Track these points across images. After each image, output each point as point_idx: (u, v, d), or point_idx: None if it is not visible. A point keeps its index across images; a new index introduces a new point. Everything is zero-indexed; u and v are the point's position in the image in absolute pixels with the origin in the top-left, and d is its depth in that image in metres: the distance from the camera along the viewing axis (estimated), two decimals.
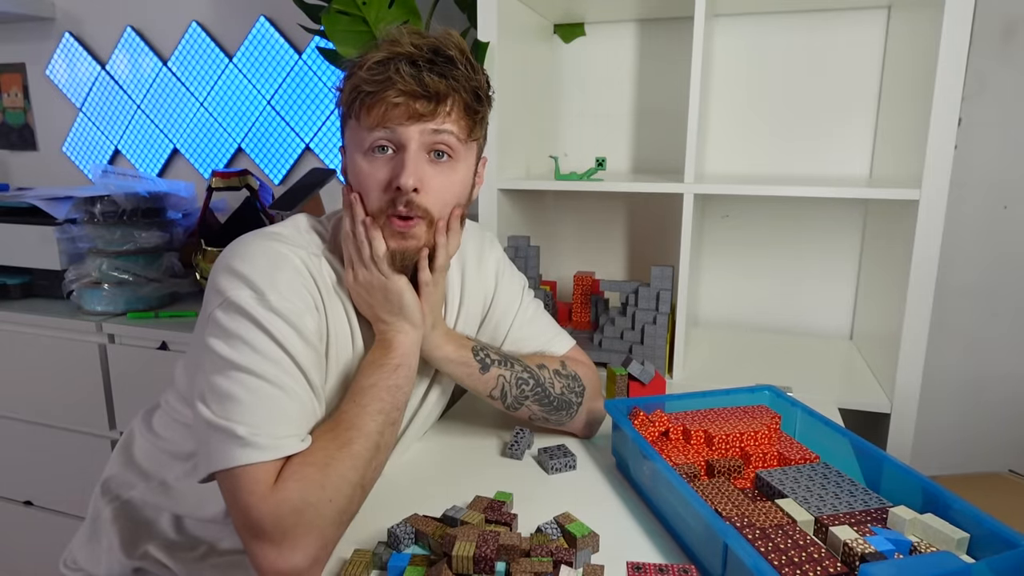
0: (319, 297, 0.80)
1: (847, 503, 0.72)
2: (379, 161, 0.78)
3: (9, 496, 1.80)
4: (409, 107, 0.75)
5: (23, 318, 1.66)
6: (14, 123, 2.29)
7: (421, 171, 0.77)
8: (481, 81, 0.80)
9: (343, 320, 0.84)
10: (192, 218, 1.82)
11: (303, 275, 0.78)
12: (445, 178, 0.80)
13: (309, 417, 0.73)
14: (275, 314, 0.73)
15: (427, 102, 0.76)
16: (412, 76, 0.74)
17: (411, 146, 0.77)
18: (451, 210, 0.82)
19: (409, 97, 0.75)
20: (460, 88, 0.77)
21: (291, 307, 0.74)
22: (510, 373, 0.90)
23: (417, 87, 0.75)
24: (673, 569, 0.65)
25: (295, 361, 0.73)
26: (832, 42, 1.44)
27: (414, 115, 0.76)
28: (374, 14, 1.37)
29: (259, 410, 0.69)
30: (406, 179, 0.76)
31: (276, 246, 0.78)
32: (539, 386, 0.92)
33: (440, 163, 0.79)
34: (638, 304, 1.28)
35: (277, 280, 0.75)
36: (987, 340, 1.49)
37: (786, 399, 0.94)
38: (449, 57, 0.77)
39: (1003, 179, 1.42)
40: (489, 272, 1.01)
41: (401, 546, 0.69)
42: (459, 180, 0.82)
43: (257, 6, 1.90)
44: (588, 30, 1.58)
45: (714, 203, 1.57)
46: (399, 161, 0.77)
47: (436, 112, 0.76)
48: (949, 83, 1.06)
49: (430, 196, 0.79)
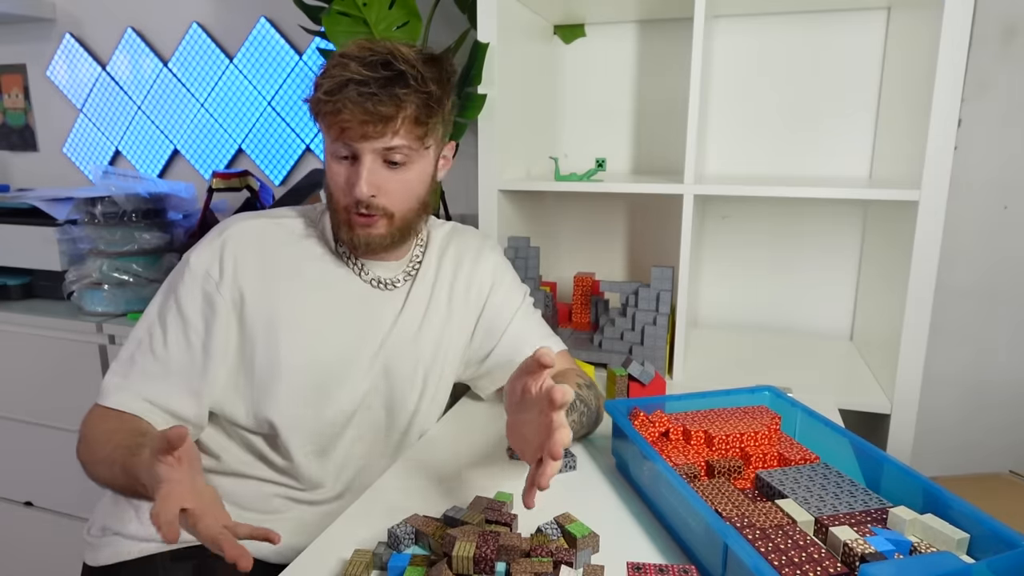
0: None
1: (847, 503, 0.72)
2: (342, 166, 0.87)
3: (9, 496, 1.80)
4: (360, 130, 0.83)
5: (23, 319, 1.66)
6: (15, 124, 2.29)
7: (376, 179, 0.86)
8: (432, 89, 0.85)
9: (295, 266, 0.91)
10: (193, 219, 1.82)
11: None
12: (401, 182, 0.88)
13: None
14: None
15: (375, 125, 0.83)
16: (360, 103, 0.81)
17: (365, 159, 0.85)
18: (419, 201, 0.91)
19: (358, 123, 0.82)
20: (409, 104, 0.83)
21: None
22: (577, 415, 0.92)
23: (364, 115, 0.82)
24: (673, 569, 0.65)
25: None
26: (832, 42, 1.44)
27: (365, 136, 0.83)
28: (375, 15, 1.37)
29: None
30: (359, 190, 0.85)
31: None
32: (590, 411, 0.96)
33: (396, 169, 0.87)
34: (638, 305, 1.28)
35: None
36: (987, 340, 1.49)
37: (786, 400, 0.94)
38: (400, 73, 0.83)
39: (1003, 179, 1.42)
40: (485, 272, 1.02)
41: (401, 546, 0.69)
42: (416, 179, 0.90)
43: (258, 7, 1.90)
44: (588, 31, 1.58)
45: (714, 204, 1.57)
46: (355, 171, 0.86)
47: (385, 131, 0.84)
48: (949, 83, 1.06)
49: (388, 197, 0.88)
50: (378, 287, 0.95)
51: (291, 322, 0.89)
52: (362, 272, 0.95)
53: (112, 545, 0.91)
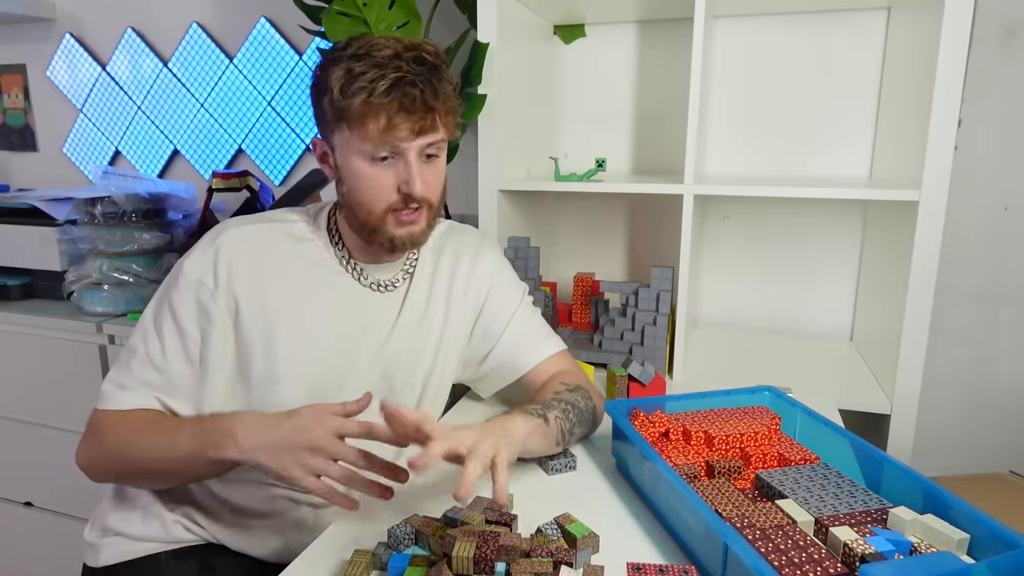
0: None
1: (847, 504, 0.72)
2: (378, 168, 0.84)
3: (9, 497, 1.80)
4: (411, 128, 0.81)
5: (23, 319, 1.66)
6: (15, 124, 2.29)
7: (423, 175, 0.85)
8: (456, 79, 0.86)
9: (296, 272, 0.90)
10: (192, 219, 1.82)
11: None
12: (436, 172, 0.88)
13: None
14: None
15: (426, 121, 0.81)
16: (415, 99, 0.79)
17: (411, 157, 0.83)
18: (445, 191, 0.92)
19: (411, 121, 0.80)
20: (445, 96, 0.83)
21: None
22: (559, 411, 0.90)
23: (418, 111, 0.80)
24: (673, 570, 0.65)
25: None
26: (832, 43, 1.44)
27: (419, 133, 0.82)
28: (375, 15, 1.37)
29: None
30: (418, 188, 0.83)
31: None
32: (576, 409, 0.94)
33: (431, 161, 0.87)
34: (638, 305, 1.28)
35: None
36: (987, 341, 1.49)
37: (786, 400, 0.94)
38: (434, 67, 0.82)
39: (1003, 180, 1.42)
40: (483, 272, 1.02)
41: (401, 546, 0.69)
42: (443, 168, 0.90)
43: (257, 7, 1.90)
44: (588, 31, 1.58)
45: (714, 204, 1.57)
46: (402, 168, 0.84)
47: (435, 126, 0.83)
48: (949, 83, 1.06)
49: (428, 190, 0.87)
50: (377, 290, 0.94)
51: (288, 329, 0.87)
52: (361, 276, 0.93)
53: (113, 546, 0.91)
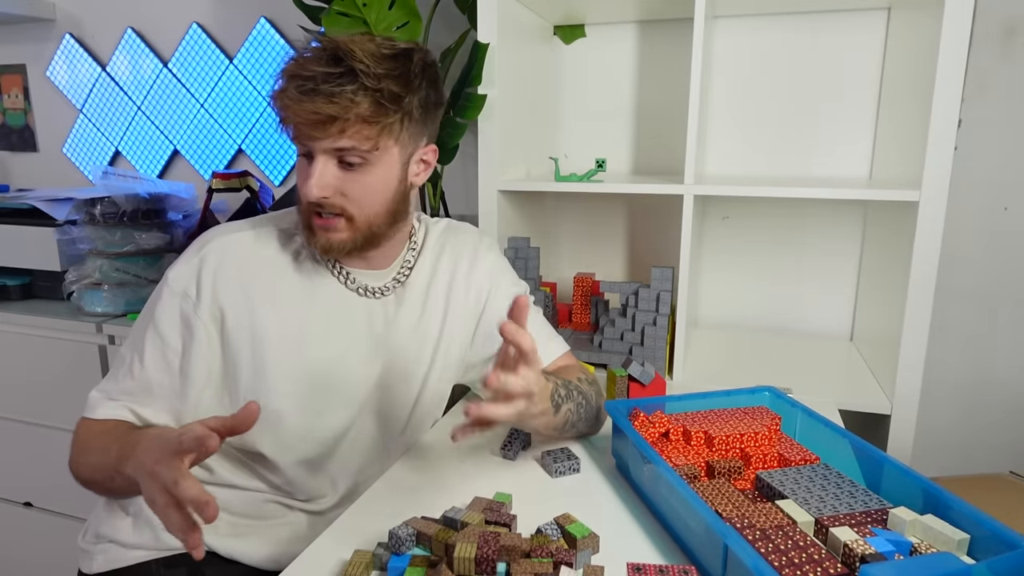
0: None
1: (847, 504, 0.72)
2: (304, 165, 0.84)
3: (9, 497, 1.80)
4: (306, 129, 0.79)
5: (23, 319, 1.66)
6: (14, 124, 2.29)
7: (329, 180, 0.81)
8: (385, 87, 0.79)
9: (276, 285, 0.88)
10: (192, 219, 1.82)
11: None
12: (359, 184, 0.83)
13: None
14: None
15: (319, 125, 0.78)
16: (300, 100, 0.77)
17: (318, 158, 0.81)
18: (385, 206, 0.85)
19: (304, 122, 0.78)
20: (359, 103, 0.78)
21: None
22: (574, 404, 0.90)
23: (306, 113, 0.77)
24: (673, 570, 0.65)
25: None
26: (832, 43, 1.44)
27: (311, 136, 0.80)
28: (374, 15, 1.37)
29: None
30: (308, 190, 0.81)
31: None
32: (589, 405, 0.94)
33: (352, 170, 0.82)
34: (638, 305, 1.28)
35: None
36: (987, 341, 1.49)
37: (786, 400, 0.94)
38: (348, 69, 0.77)
39: (1003, 180, 1.42)
40: (483, 273, 1.01)
41: (403, 547, 0.69)
42: (377, 182, 0.84)
43: (257, 7, 1.90)
44: (588, 31, 1.58)
45: (714, 204, 1.57)
46: (309, 170, 0.82)
47: (330, 131, 0.78)
48: (949, 83, 1.06)
49: (347, 200, 0.83)
50: (365, 295, 0.92)
51: (276, 338, 0.86)
52: (348, 281, 0.91)
53: (106, 553, 0.90)
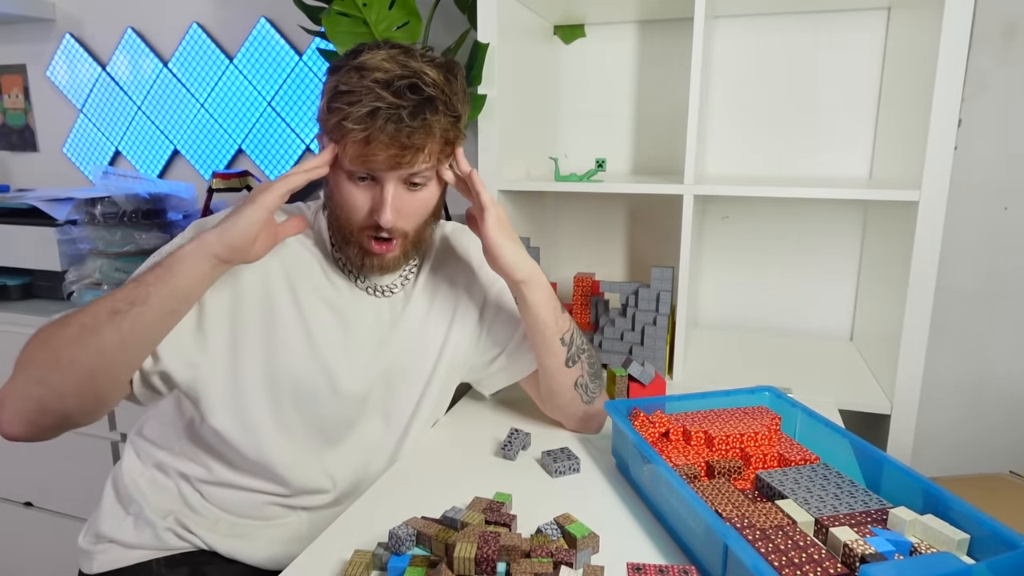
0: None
1: (847, 504, 0.72)
2: (358, 188, 0.83)
3: (9, 497, 1.80)
4: (388, 161, 0.79)
5: (23, 319, 1.66)
6: (15, 124, 2.29)
7: (398, 204, 0.83)
8: (460, 110, 0.82)
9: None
10: (193, 219, 1.82)
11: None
12: (419, 201, 0.86)
13: None
14: None
15: (404, 156, 0.79)
16: (392, 135, 0.77)
17: (388, 186, 0.81)
18: (431, 216, 0.89)
19: (388, 155, 0.78)
20: (439, 129, 0.80)
21: None
22: (574, 326, 0.96)
23: (395, 147, 0.78)
24: (673, 570, 0.65)
25: None
26: (832, 43, 1.44)
27: (394, 166, 0.79)
28: (375, 15, 1.37)
29: None
30: (385, 218, 0.81)
31: None
32: (590, 346, 0.99)
33: (415, 190, 0.85)
34: (638, 305, 1.28)
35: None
36: (987, 341, 1.49)
37: (786, 400, 0.94)
38: (429, 98, 0.78)
39: (1003, 180, 1.42)
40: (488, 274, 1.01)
41: (403, 548, 0.69)
42: (431, 196, 0.87)
43: (257, 7, 1.90)
44: (588, 31, 1.58)
45: (714, 204, 1.57)
46: (378, 194, 0.82)
47: (414, 161, 0.80)
48: (949, 83, 1.06)
49: (405, 218, 0.85)
50: (374, 294, 0.94)
51: (283, 331, 0.86)
52: (358, 279, 0.92)
53: (106, 553, 0.90)
